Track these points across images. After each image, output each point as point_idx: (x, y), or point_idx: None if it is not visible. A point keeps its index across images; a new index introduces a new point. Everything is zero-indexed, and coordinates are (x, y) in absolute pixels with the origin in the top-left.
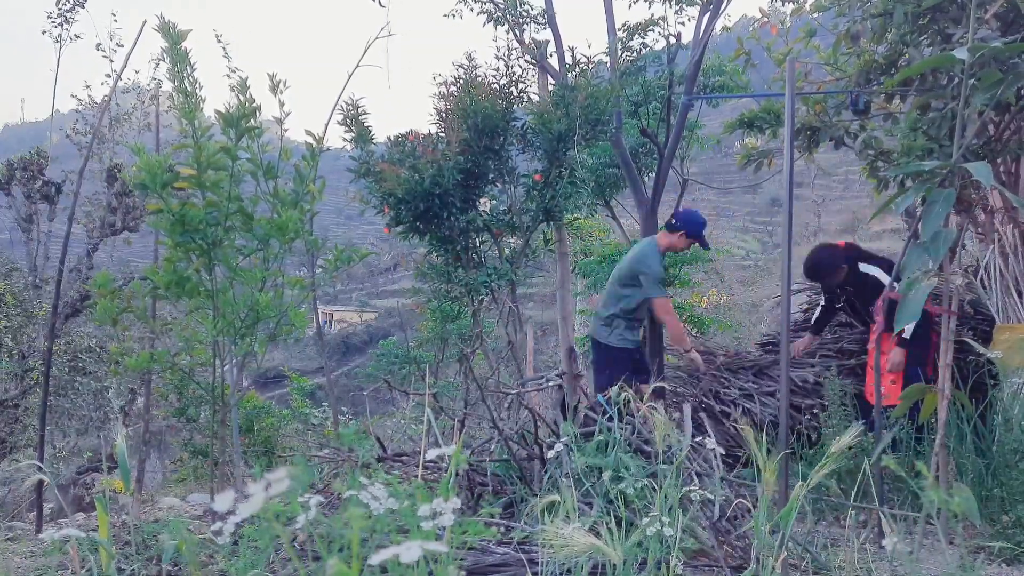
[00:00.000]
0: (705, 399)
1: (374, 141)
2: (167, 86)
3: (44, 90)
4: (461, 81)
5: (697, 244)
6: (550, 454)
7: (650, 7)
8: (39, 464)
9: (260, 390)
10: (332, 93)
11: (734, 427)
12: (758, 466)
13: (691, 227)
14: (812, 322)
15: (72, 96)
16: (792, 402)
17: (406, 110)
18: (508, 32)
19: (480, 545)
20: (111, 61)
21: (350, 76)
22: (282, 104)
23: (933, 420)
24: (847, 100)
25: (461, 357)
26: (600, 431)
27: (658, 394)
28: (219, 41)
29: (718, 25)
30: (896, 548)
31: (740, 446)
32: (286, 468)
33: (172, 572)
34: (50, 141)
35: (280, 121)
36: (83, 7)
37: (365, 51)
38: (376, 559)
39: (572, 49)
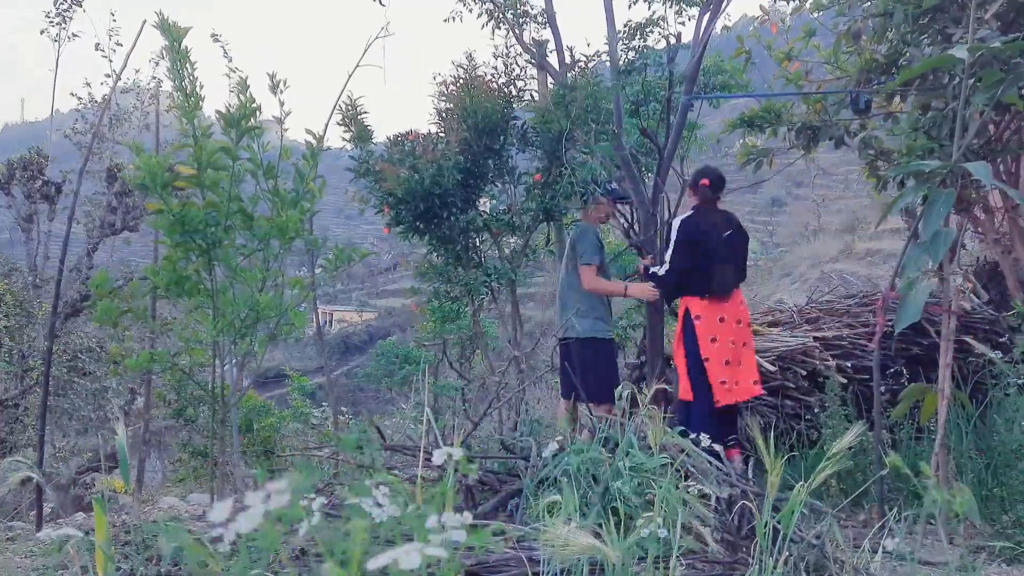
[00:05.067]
0: None
1: (374, 141)
2: (167, 85)
3: (44, 90)
4: (461, 81)
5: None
6: (547, 453)
7: (650, 7)
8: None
9: (260, 390)
10: (332, 93)
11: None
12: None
13: (614, 192)
14: None
15: (72, 95)
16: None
17: (406, 110)
18: (507, 32)
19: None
20: (110, 61)
21: (350, 76)
22: (282, 104)
23: (933, 420)
24: (848, 99)
25: (460, 359)
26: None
27: (660, 396)
28: (218, 41)
29: (718, 25)
30: (896, 548)
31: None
32: (288, 476)
33: (172, 572)
34: (50, 141)
35: (280, 121)
36: (80, 6)
37: (365, 51)
38: (374, 565)
39: (571, 49)
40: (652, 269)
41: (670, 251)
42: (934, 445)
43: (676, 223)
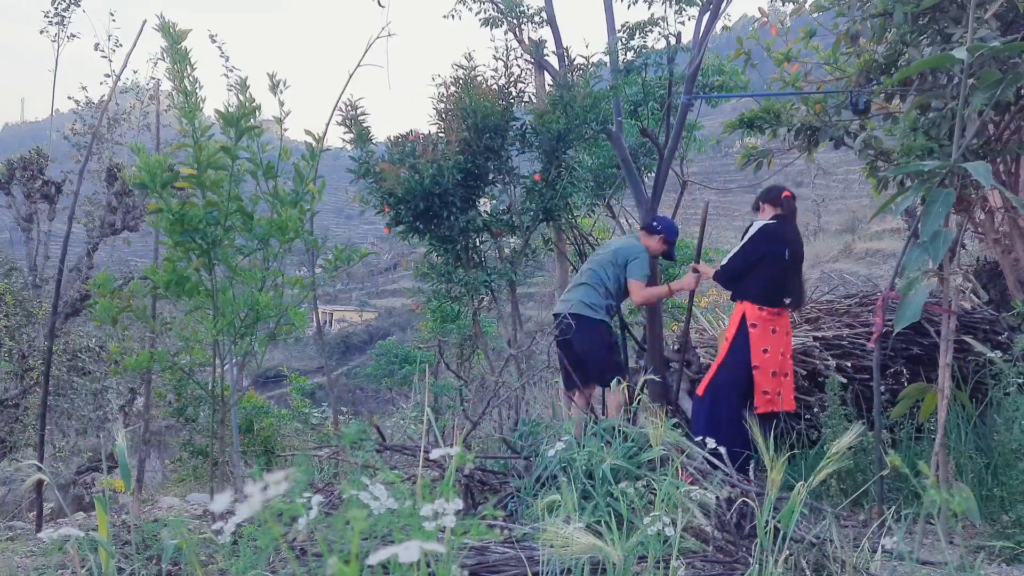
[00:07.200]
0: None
1: (374, 141)
2: (166, 85)
3: (44, 90)
4: (461, 81)
5: (665, 254)
6: (550, 452)
7: (650, 7)
8: (39, 464)
9: (260, 390)
10: (332, 93)
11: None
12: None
13: (670, 234)
14: None
15: (69, 98)
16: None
17: (406, 110)
18: (506, 33)
19: (481, 544)
20: (110, 61)
21: (351, 76)
22: (282, 104)
23: (933, 420)
24: (847, 100)
25: (459, 358)
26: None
27: (660, 392)
28: (214, 42)
29: (718, 25)
30: (896, 547)
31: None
32: (285, 469)
33: (172, 572)
34: (50, 141)
35: (280, 121)
36: (78, 6)
37: (366, 51)
38: (375, 559)
39: (567, 50)
40: (718, 267)
41: (739, 250)
42: (934, 445)
43: (756, 226)
